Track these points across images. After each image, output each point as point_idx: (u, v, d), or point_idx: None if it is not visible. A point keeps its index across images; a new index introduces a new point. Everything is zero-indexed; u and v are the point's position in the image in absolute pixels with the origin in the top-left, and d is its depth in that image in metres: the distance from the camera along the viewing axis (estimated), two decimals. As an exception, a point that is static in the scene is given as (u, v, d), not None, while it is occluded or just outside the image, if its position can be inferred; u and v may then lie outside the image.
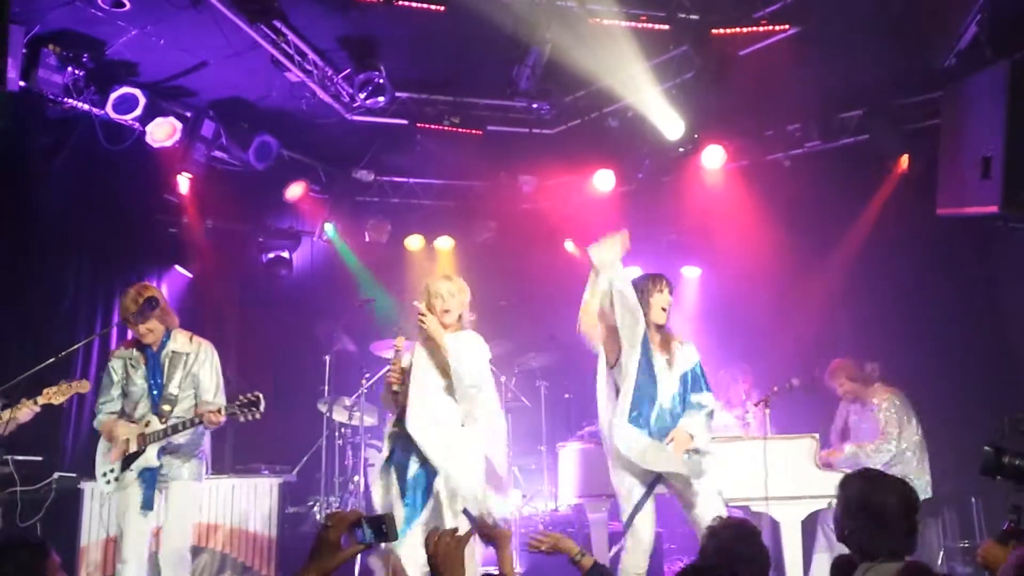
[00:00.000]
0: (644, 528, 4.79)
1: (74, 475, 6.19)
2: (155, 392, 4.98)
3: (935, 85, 6.80)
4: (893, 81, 7.35)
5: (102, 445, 5.08)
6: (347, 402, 7.84)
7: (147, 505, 4.86)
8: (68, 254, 7.56)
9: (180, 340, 5.13)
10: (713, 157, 8.38)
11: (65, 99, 6.85)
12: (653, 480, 4.84)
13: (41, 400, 5.22)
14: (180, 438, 4.96)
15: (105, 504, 6.03)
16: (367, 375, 7.76)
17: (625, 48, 6.84)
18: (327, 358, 7.99)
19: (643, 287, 5.10)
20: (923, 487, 6.14)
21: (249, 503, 6.51)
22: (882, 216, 7.82)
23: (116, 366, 5.10)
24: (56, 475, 6.11)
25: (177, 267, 8.30)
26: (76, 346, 5.97)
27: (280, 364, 8.27)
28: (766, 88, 7.41)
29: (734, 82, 6.96)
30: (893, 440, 6.27)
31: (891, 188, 7.81)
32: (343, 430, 7.88)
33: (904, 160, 7.76)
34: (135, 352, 5.08)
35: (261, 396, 4.86)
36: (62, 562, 3.28)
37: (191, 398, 5.05)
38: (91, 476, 6.12)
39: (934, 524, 6.79)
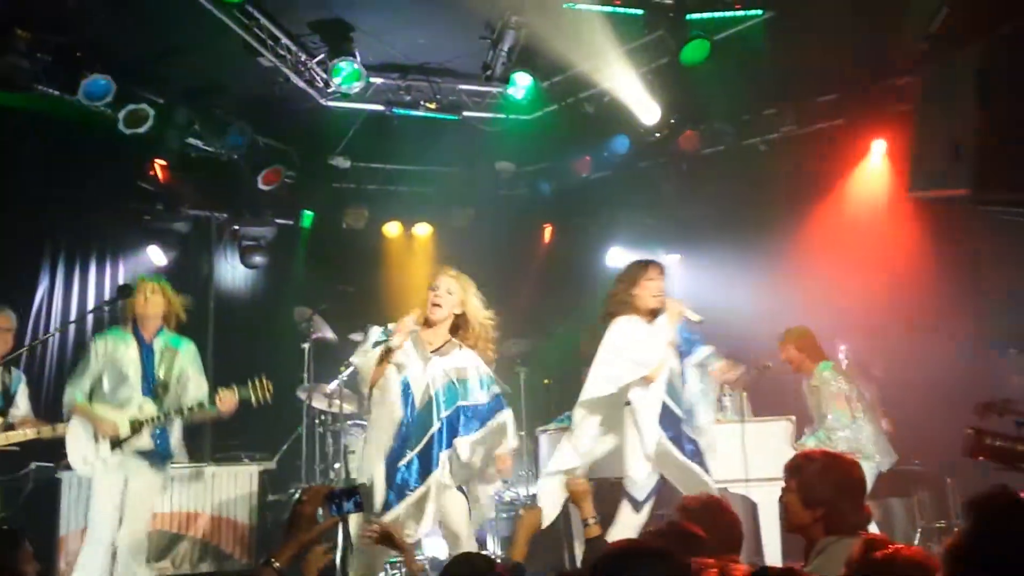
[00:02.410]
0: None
1: (51, 464, 6.13)
2: (149, 377, 5.08)
3: (908, 69, 6.85)
4: (867, 65, 7.39)
5: (80, 428, 5.06)
6: (327, 389, 7.80)
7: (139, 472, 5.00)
8: (41, 243, 7.48)
9: (171, 334, 5.28)
10: (689, 142, 8.40)
11: (35, 85, 6.76)
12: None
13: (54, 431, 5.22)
14: (174, 424, 5.16)
15: (83, 493, 5.99)
16: (346, 362, 7.73)
17: (600, 33, 6.84)
18: (306, 346, 7.95)
19: (632, 275, 5.17)
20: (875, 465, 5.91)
21: (229, 491, 6.50)
22: (857, 199, 7.88)
23: (100, 349, 5.13)
24: (33, 465, 6.07)
25: (151, 252, 8.17)
26: (48, 335, 5.92)
27: (258, 352, 8.23)
28: (741, 72, 7.44)
29: (709, 66, 6.99)
30: (846, 416, 6.01)
31: (866, 171, 7.87)
32: (323, 417, 7.84)
33: (878, 144, 7.83)
34: (129, 336, 5.14)
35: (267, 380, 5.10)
36: (38, 552, 3.26)
37: (179, 389, 5.17)
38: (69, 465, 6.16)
39: (909, 505, 6.88)
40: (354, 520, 4.17)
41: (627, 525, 5.02)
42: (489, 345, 4.93)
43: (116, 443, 4.98)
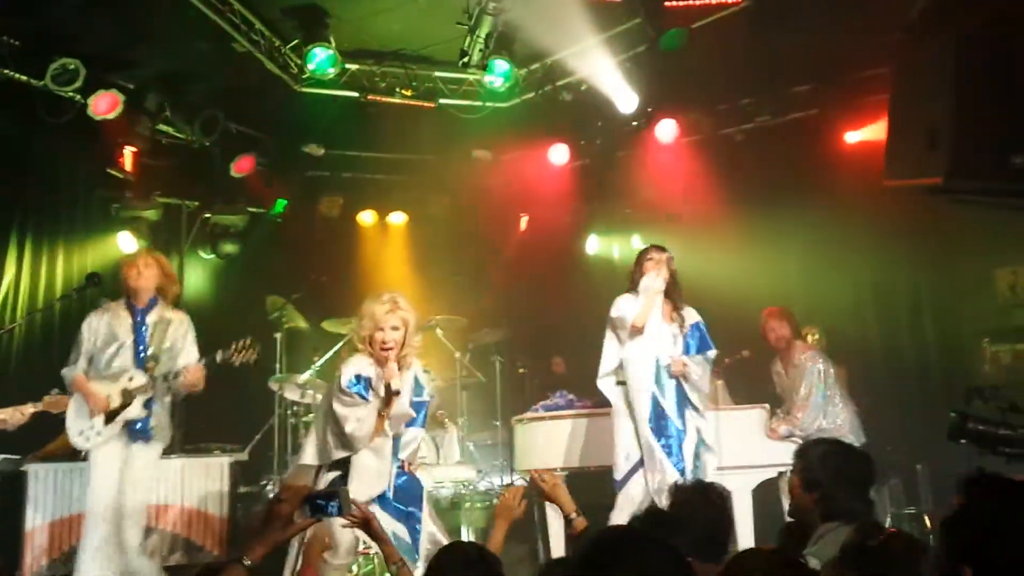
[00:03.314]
0: (637, 489, 5.08)
1: (17, 457, 6.02)
2: (141, 348, 5.16)
3: (884, 58, 6.85)
4: (843, 55, 7.40)
5: (76, 402, 5.16)
6: (299, 380, 7.74)
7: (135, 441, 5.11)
8: (7, 230, 7.33)
9: (165, 307, 5.37)
10: (666, 131, 8.39)
11: (2, 70, 6.61)
12: None
13: (42, 407, 5.35)
14: (163, 395, 5.22)
15: (49, 486, 5.90)
16: (319, 352, 7.67)
17: (578, 20, 6.80)
18: (278, 336, 7.87)
19: (637, 260, 5.66)
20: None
21: (200, 483, 6.41)
22: (833, 189, 7.90)
23: (93, 323, 5.24)
24: (-1, 457, 5.96)
25: (121, 240, 8.01)
26: (15, 324, 5.83)
27: (229, 342, 8.12)
28: (718, 62, 7.43)
29: (687, 56, 6.96)
30: (822, 395, 6.10)
31: (842, 161, 7.89)
32: (295, 408, 7.78)
33: (854, 134, 7.85)
34: (122, 311, 5.24)
35: (253, 339, 5.18)
36: (3, 545, 3.17)
37: (170, 360, 5.24)
38: (35, 457, 6.06)
39: (881, 491, 6.93)
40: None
41: (622, 508, 5.07)
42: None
43: (110, 416, 5.07)
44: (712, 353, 5.52)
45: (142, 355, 5.18)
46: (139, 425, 5.18)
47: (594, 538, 2.12)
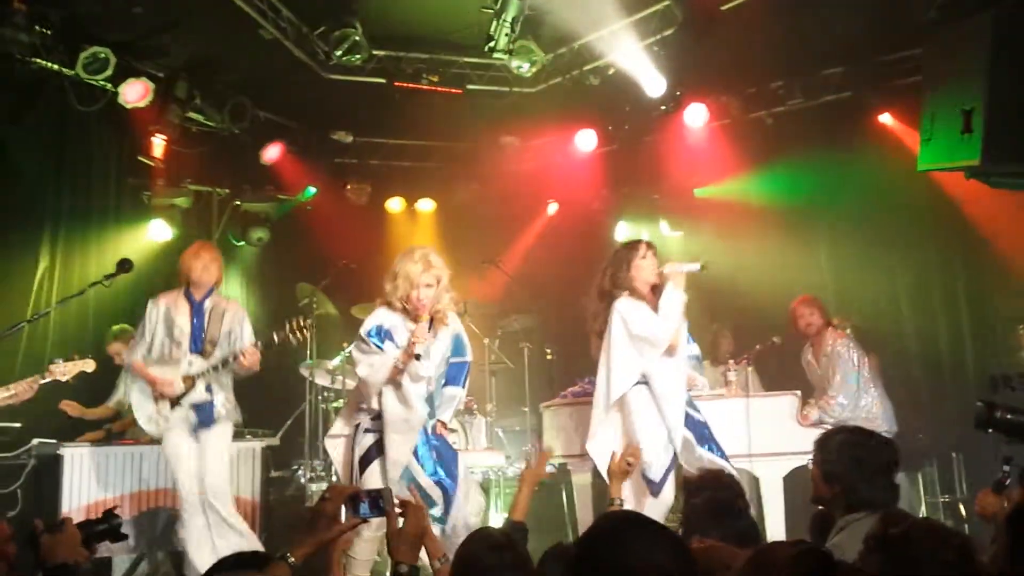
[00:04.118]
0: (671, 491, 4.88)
1: (54, 441, 6.12)
2: (200, 335, 5.38)
3: (917, 39, 6.74)
4: (874, 36, 7.28)
5: (139, 388, 5.40)
6: (329, 365, 7.79)
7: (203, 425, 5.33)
8: (41, 218, 7.43)
9: (219, 295, 5.62)
10: (696, 115, 8.30)
11: (33, 59, 6.69)
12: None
13: (48, 376, 5.45)
14: (224, 379, 5.42)
15: (85, 470, 6.00)
16: (349, 339, 7.70)
17: (605, 3, 6.74)
18: (308, 321, 7.92)
19: (625, 258, 5.10)
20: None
21: (233, 468, 6.46)
22: (865, 173, 7.79)
23: (152, 313, 5.45)
24: (35, 441, 6.04)
25: (152, 228, 8.09)
26: (50, 309, 5.94)
27: (261, 328, 8.20)
28: (748, 45, 7.33)
29: (716, 38, 6.88)
30: (855, 382, 6.02)
31: (874, 145, 7.77)
32: (326, 394, 7.84)
33: (887, 117, 7.73)
34: (181, 300, 5.45)
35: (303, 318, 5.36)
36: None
37: (229, 346, 5.44)
38: (70, 441, 6.17)
39: (916, 480, 6.86)
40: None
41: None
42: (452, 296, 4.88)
43: (174, 401, 5.29)
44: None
45: (200, 341, 5.39)
46: (205, 409, 5.39)
47: (594, 524, 2.09)
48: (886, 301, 7.90)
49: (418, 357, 4.56)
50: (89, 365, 5.62)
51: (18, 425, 6.09)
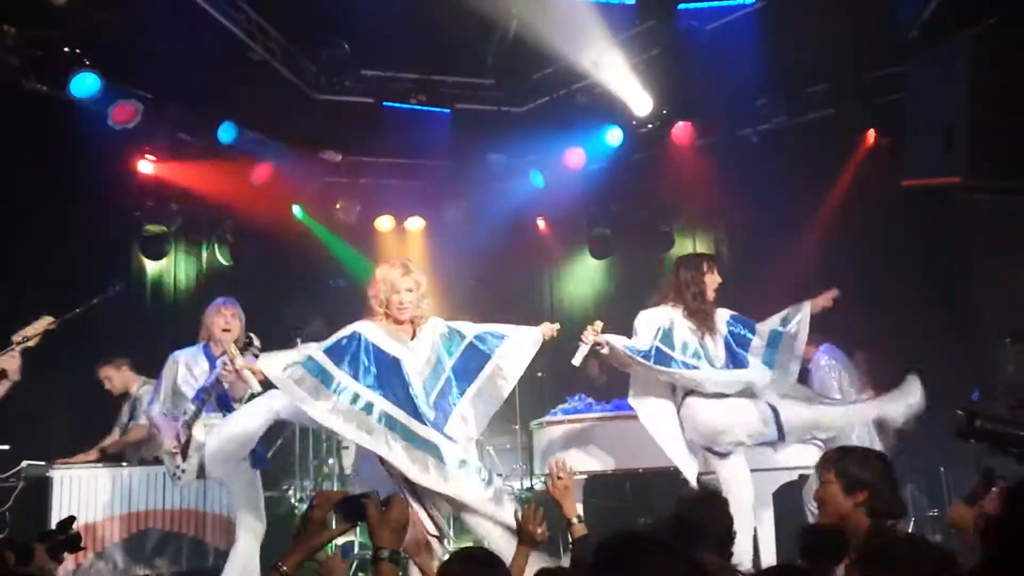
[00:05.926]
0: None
1: (43, 463, 6.08)
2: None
3: (900, 58, 6.84)
4: (858, 55, 7.38)
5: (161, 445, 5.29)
6: (319, 385, 7.76)
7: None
8: (30, 240, 7.41)
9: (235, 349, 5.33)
10: (682, 134, 8.38)
11: (23, 81, 6.70)
12: None
13: (18, 347, 5.10)
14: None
15: (74, 492, 5.96)
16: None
17: (592, 24, 6.82)
18: (298, 340, 7.91)
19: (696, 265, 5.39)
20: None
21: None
22: (850, 189, 7.87)
23: (174, 368, 5.38)
24: (24, 463, 6.01)
25: (141, 247, 8.08)
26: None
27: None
28: (733, 63, 7.42)
29: (701, 57, 6.96)
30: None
31: (858, 161, 7.85)
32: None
33: (871, 133, 7.82)
34: (200, 357, 5.41)
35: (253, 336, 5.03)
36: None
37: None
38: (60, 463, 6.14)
39: (903, 494, 6.88)
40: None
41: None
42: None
43: (182, 452, 5.13)
44: None
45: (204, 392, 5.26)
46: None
47: (602, 543, 2.04)
48: (874, 315, 7.95)
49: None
50: (45, 320, 5.28)
51: (6, 447, 6.06)
